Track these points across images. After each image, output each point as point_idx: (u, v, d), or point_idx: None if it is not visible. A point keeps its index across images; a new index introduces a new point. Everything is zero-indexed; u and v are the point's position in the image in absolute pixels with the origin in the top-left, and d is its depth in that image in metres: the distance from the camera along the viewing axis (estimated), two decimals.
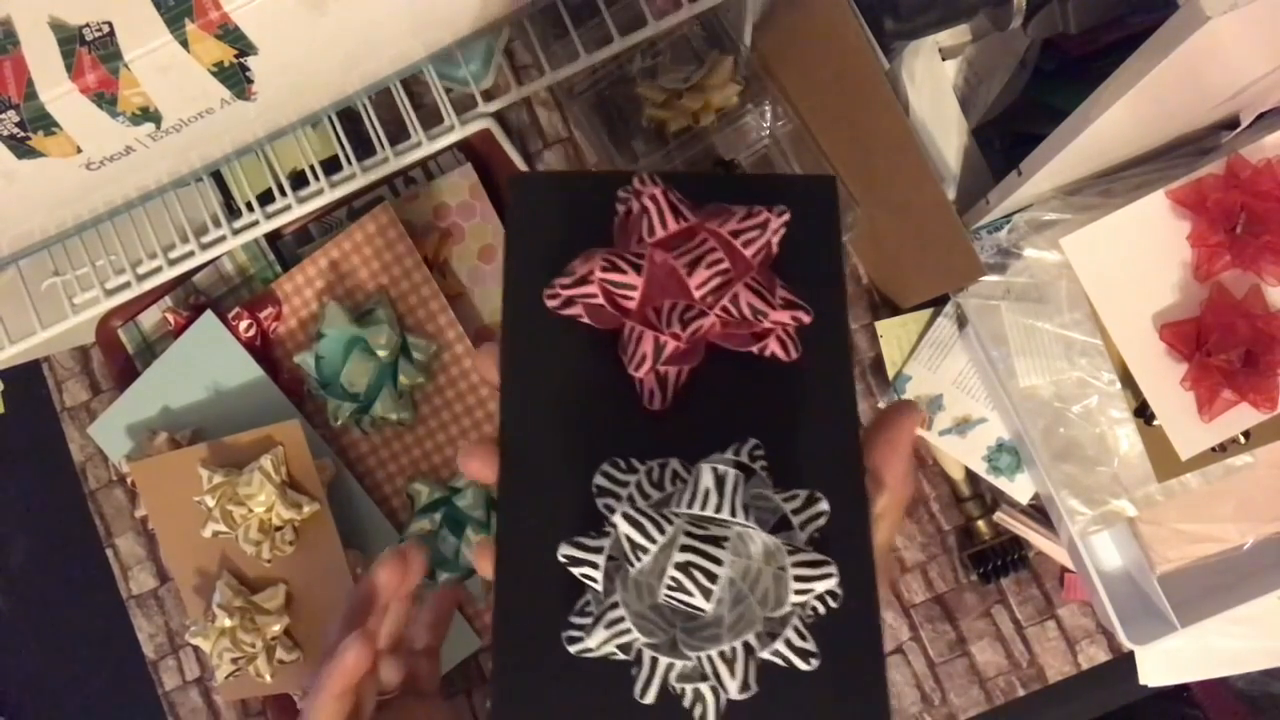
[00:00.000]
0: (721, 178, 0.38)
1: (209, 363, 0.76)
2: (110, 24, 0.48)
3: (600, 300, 0.34)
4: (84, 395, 0.85)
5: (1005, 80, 0.73)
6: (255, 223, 0.68)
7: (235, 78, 0.52)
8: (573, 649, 0.31)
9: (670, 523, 0.31)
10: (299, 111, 0.60)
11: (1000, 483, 0.76)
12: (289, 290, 0.76)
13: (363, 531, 0.76)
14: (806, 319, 0.34)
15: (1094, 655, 0.76)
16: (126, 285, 0.68)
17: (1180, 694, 0.93)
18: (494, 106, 0.68)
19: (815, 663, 0.31)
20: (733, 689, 0.30)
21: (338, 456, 0.76)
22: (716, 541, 0.31)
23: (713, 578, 0.31)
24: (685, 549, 0.31)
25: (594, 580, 0.31)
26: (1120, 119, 0.54)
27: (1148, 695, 0.76)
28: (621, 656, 0.31)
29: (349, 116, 0.68)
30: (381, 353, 0.73)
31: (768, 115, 0.75)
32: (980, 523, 0.76)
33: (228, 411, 0.76)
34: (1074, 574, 0.76)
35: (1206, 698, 0.91)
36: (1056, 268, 0.69)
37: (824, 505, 0.32)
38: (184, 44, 0.48)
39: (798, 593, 0.31)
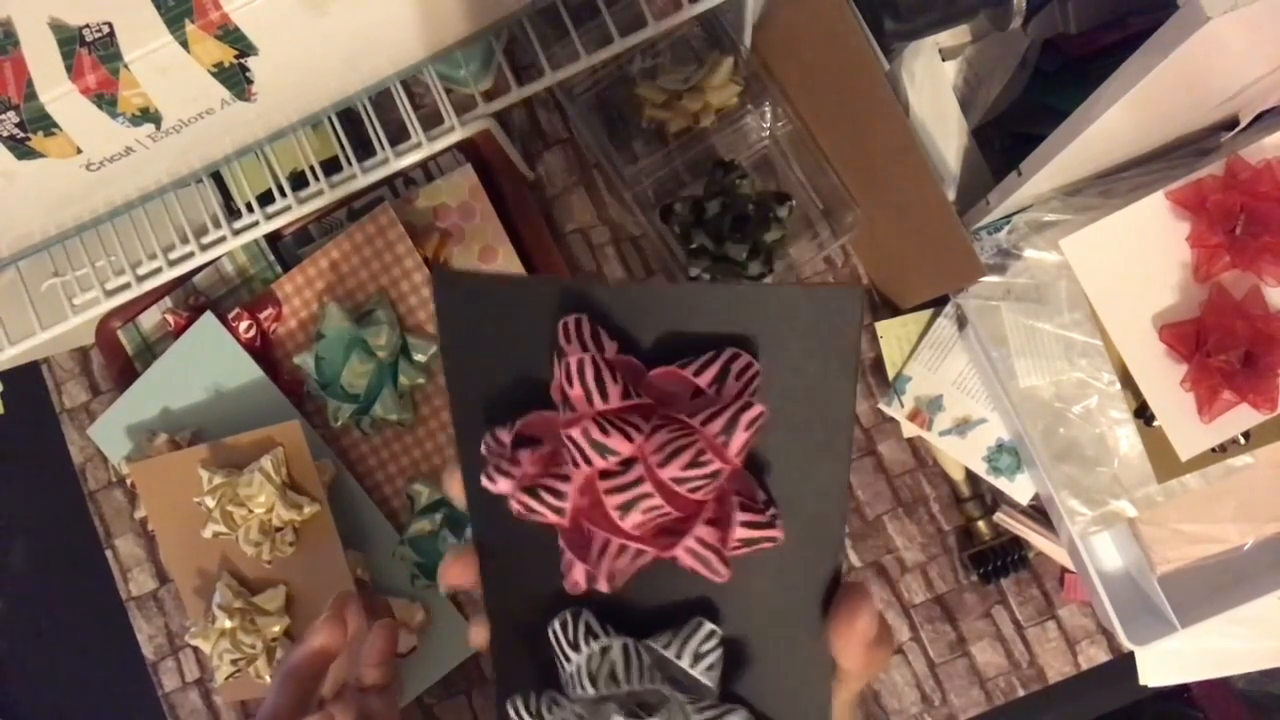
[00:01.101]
0: (713, 289, 0.33)
1: (209, 364, 0.76)
2: (110, 24, 0.48)
3: (533, 516, 0.31)
4: (84, 396, 0.84)
5: (1005, 80, 0.73)
6: (255, 223, 0.68)
7: (235, 78, 0.52)
8: None
9: None
10: (299, 112, 0.60)
11: (1000, 483, 0.76)
12: (289, 291, 0.76)
13: (363, 532, 0.76)
14: (777, 536, 0.31)
15: (1094, 655, 0.76)
16: (126, 286, 0.68)
17: (1180, 694, 0.93)
18: (494, 107, 0.68)
19: None
20: None
21: (338, 457, 0.76)
22: None
23: None
24: None
25: None
26: (1120, 119, 0.54)
27: (1148, 695, 0.76)
28: None
29: (349, 117, 0.68)
30: (381, 353, 0.73)
31: (768, 116, 0.75)
32: (980, 523, 0.76)
33: (228, 412, 0.76)
34: (1074, 574, 0.76)
35: (1206, 698, 0.91)
36: (1056, 268, 0.69)
37: None
38: (184, 44, 0.48)
39: None
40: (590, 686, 0.31)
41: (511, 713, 0.31)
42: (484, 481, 0.31)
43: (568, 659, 0.32)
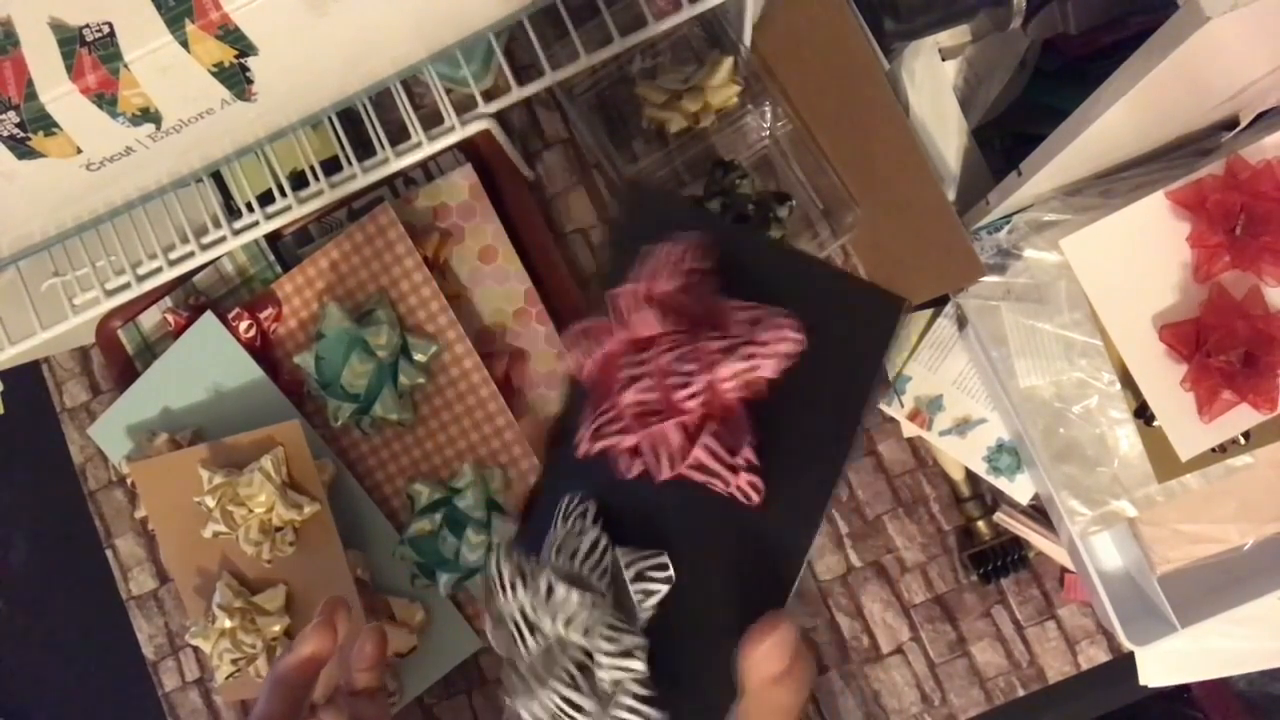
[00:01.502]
0: (791, 257, 0.38)
1: (209, 363, 0.76)
2: (110, 24, 0.48)
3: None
4: (84, 396, 0.85)
5: (1005, 80, 0.73)
6: (255, 223, 0.68)
7: (235, 78, 0.52)
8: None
9: (518, 592, 0.34)
10: (299, 112, 0.60)
11: (1000, 483, 0.76)
12: (289, 291, 0.76)
13: (363, 532, 0.76)
14: (758, 490, 0.34)
15: (1094, 655, 0.76)
16: (126, 286, 0.68)
17: (1180, 694, 0.93)
18: (494, 107, 0.68)
19: None
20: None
21: (338, 457, 0.76)
22: (533, 629, 0.34)
23: (521, 650, 0.35)
24: (513, 620, 0.34)
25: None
26: (1120, 119, 0.54)
27: (1148, 695, 0.76)
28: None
29: (349, 117, 0.68)
30: (381, 353, 0.73)
31: (768, 116, 0.75)
32: (980, 523, 0.76)
33: (228, 412, 0.76)
34: (1074, 574, 0.76)
35: (1206, 698, 0.91)
36: (1056, 268, 0.69)
37: (636, 665, 0.33)
38: (184, 44, 0.48)
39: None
40: (555, 555, 0.35)
41: (508, 554, 0.35)
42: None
43: (554, 530, 0.36)
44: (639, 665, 0.33)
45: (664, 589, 0.34)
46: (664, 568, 0.34)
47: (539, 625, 0.34)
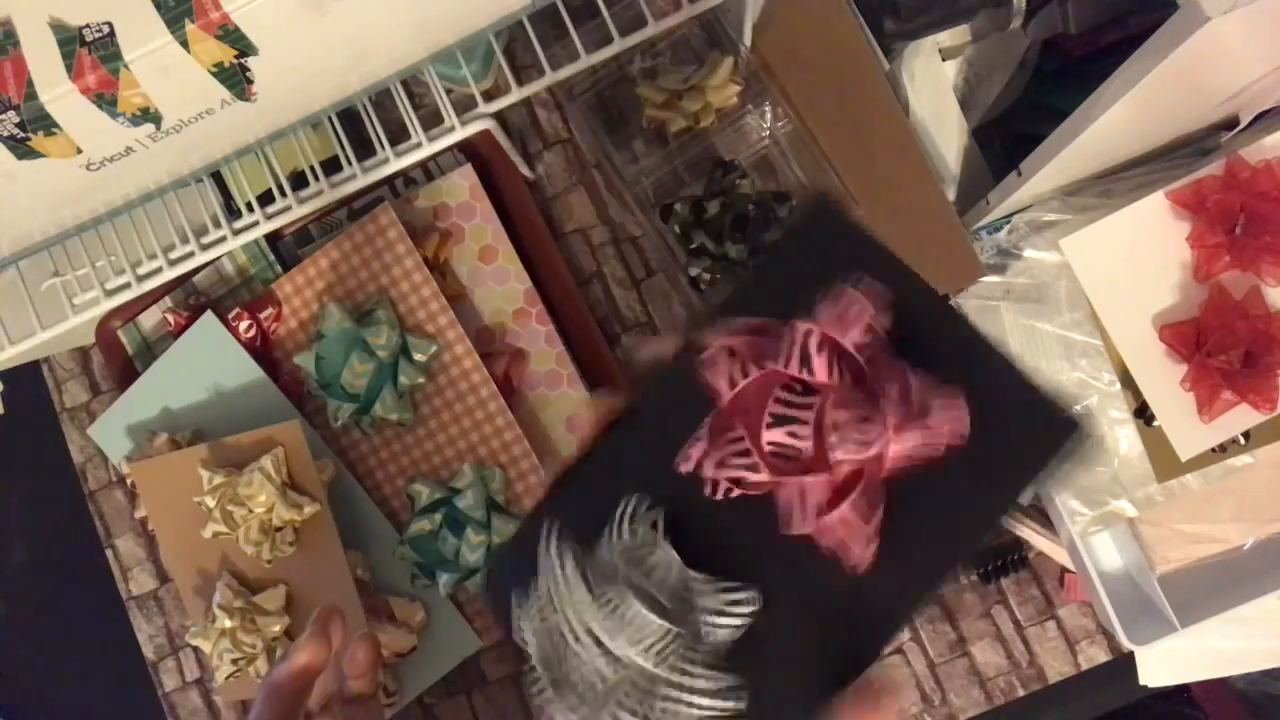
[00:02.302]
0: (974, 336, 0.34)
1: (209, 363, 0.76)
2: (110, 24, 0.48)
3: (708, 380, 0.33)
4: (84, 396, 0.85)
5: (1005, 80, 0.73)
6: (255, 223, 0.68)
7: (235, 78, 0.52)
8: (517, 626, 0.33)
9: (584, 608, 0.31)
10: (299, 112, 0.60)
11: None
12: (289, 291, 0.76)
13: (363, 532, 0.76)
14: (849, 564, 0.31)
15: (1094, 655, 0.76)
16: (126, 286, 0.68)
17: (1180, 694, 0.93)
18: (494, 107, 0.68)
19: None
20: None
21: (338, 457, 0.76)
22: (607, 654, 0.31)
23: (585, 674, 0.31)
24: (583, 637, 0.31)
25: (539, 581, 0.33)
26: (1120, 119, 0.54)
27: (1148, 695, 0.76)
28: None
29: (349, 117, 0.68)
30: (381, 353, 0.73)
31: (768, 116, 0.75)
32: None
33: (228, 412, 0.76)
34: (1074, 574, 0.76)
35: (1206, 698, 0.91)
36: (1056, 268, 0.69)
37: (736, 706, 0.31)
38: (184, 44, 0.48)
39: None
40: (621, 564, 0.32)
41: (547, 530, 0.33)
42: (703, 336, 0.33)
43: (618, 534, 0.33)
44: (737, 704, 0.31)
45: (738, 625, 0.32)
46: (750, 603, 0.32)
47: (606, 643, 0.31)
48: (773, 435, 0.32)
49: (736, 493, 0.32)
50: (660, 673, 0.31)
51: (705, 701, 0.31)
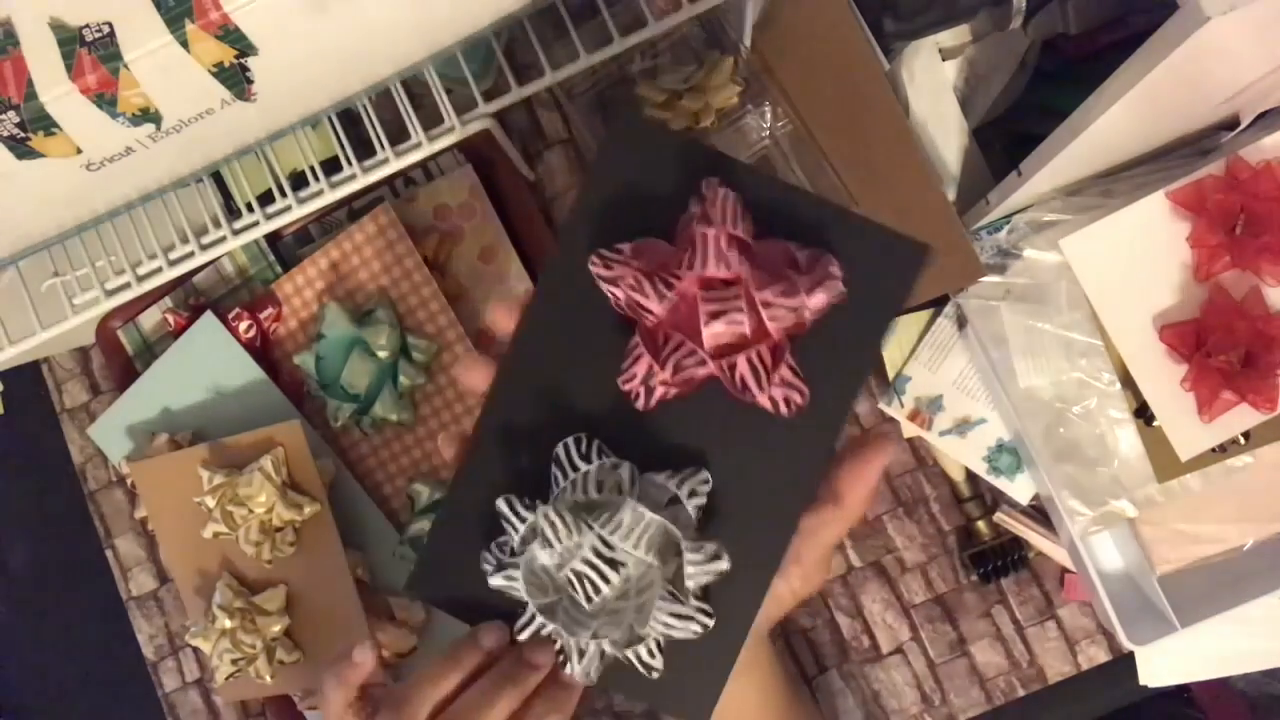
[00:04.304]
0: (818, 203, 0.39)
1: (209, 364, 0.76)
2: (110, 24, 0.48)
3: (623, 304, 0.37)
4: (84, 396, 0.85)
5: (1005, 81, 0.73)
6: (255, 223, 0.68)
7: (235, 78, 0.52)
8: (488, 578, 0.37)
9: (584, 530, 0.36)
10: (299, 112, 0.60)
11: (1000, 483, 0.76)
12: (289, 291, 0.76)
13: (363, 532, 0.76)
14: (790, 411, 0.37)
15: (1094, 655, 0.76)
16: (126, 286, 0.68)
17: (1180, 694, 0.92)
18: (494, 107, 0.68)
19: (657, 675, 0.37)
20: (576, 672, 0.37)
21: (338, 457, 0.76)
22: (614, 564, 0.36)
23: (599, 590, 0.37)
24: (587, 562, 0.36)
25: (512, 535, 0.37)
26: (1120, 119, 0.54)
27: (1148, 695, 0.76)
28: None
29: (349, 117, 0.68)
30: (381, 353, 0.73)
31: (768, 116, 0.75)
32: (980, 523, 0.76)
33: (228, 412, 0.76)
34: (1074, 574, 0.76)
35: (1206, 698, 0.91)
36: (1056, 268, 0.69)
37: (724, 565, 0.36)
38: (184, 44, 0.48)
39: (661, 627, 0.36)
40: (596, 492, 0.36)
41: (507, 509, 0.37)
42: (595, 268, 0.36)
43: (574, 468, 0.37)
44: (727, 564, 0.36)
45: (703, 502, 0.37)
46: (707, 481, 0.37)
47: (617, 559, 0.36)
48: (714, 328, 0.36)
49: (671, 395, 0.37)
50: (656, 562, 0.36)
51: (699, 569, 0.36)
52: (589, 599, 0.37)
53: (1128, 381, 0.68)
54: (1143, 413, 0.68)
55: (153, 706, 0.82)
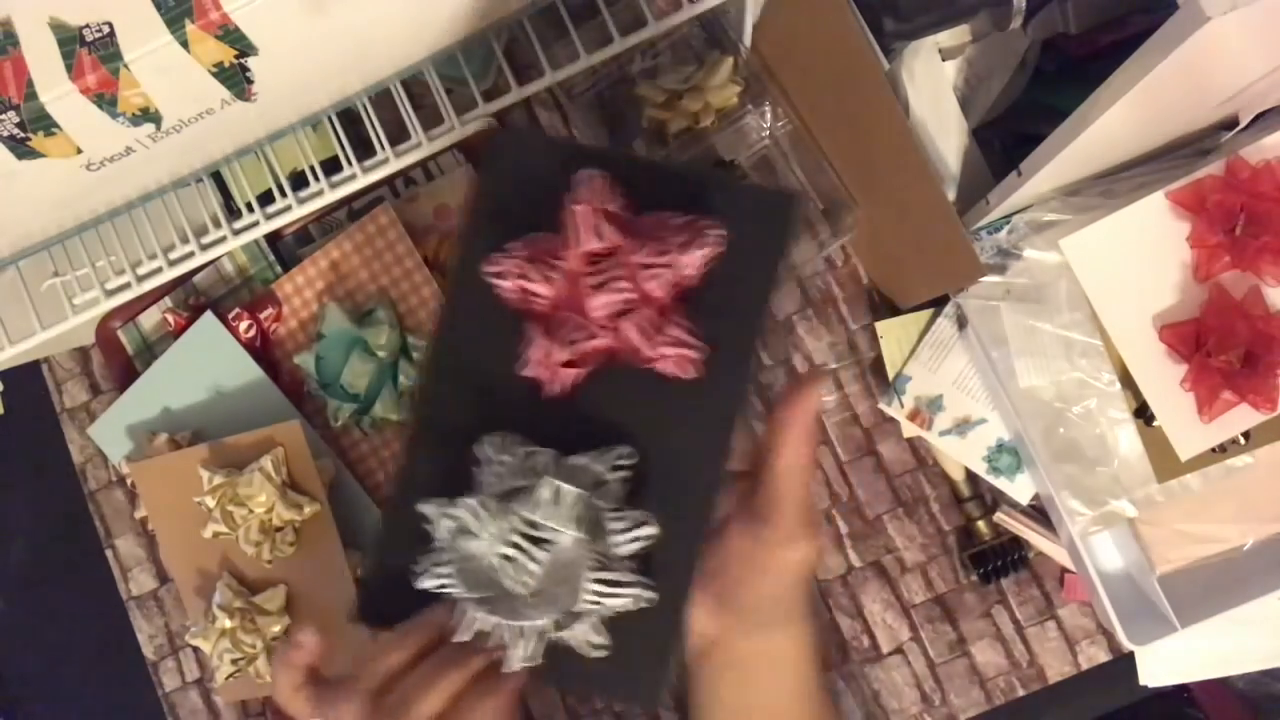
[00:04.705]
0: (688, 172, 0.43)
1: (209, 363, 0.76)
2: (110, 24, 0.48)
3: (515, 294, 0.39)
4: (84, 396, 0.84)
5: (1005, 81, 0.73)
6: (255, 223, 0.68)
7: (235, 78, 0.52)
8: (416, 582, 0.38)
9: (507, 514, 0.37)
10: (299, 112, 0.60)
11: (1000, 483, 0.76)
12: (289, 291, 0.76)
13: (363, 532, 0.76)
14: (689, 369, 0.38)
15: (1094, 655, 0.76)
16: (126, 286, 0.68)
17: (1180, 694, 0.93)
18: (494, 107, 0.68)
19: (602, 654, 0.37)
20: (516, 658, 0.37)
21: (338, 457, 0.76)
22: (540, 543, 0.37)
23: (529, 572, 0.37)
24: (513, 544, 0.37)
25: (440, 536, 0.38)
26: (1120, 119, 0.54)
27: (1148, 695, 0.76)
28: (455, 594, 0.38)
29: (349, 117, 0.68)
30: (381, 353, 0.73)
31: (768, 116, 0.75)
32: (980, 523, 0.76)
33: (228, 412, 0.76)
34: (1074, 574, 0.76)
35: (1206, 698, 0.91)
36: (1056, 268, 0.69)
37: (651, 529, 0.38)
38: (184, 45, 0.48)
39: (590, 601, 0.37)
40: (519, 479, 0.38)
41: (431, 509, 0.38)
42: (487, 268, 0.38)
43: (500, 463, 0.38)
44: (655, 529, 0.38)
45: (627, 474, 0.39)
46: (628, 455, 0.39)
47: (543, 537, 0.37)
48: (600, 299, 0.38)
49: (580, 376, 0.39)
50: (586, 535, 0.37)
51: (626, 538, 0.37)
52: (522, 584, 0.37)
53: (1128, 381, 0.68)
54: (1143, 413, 0.68)
55: (153, 706, 0.82)
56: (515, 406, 0.39)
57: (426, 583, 0.38)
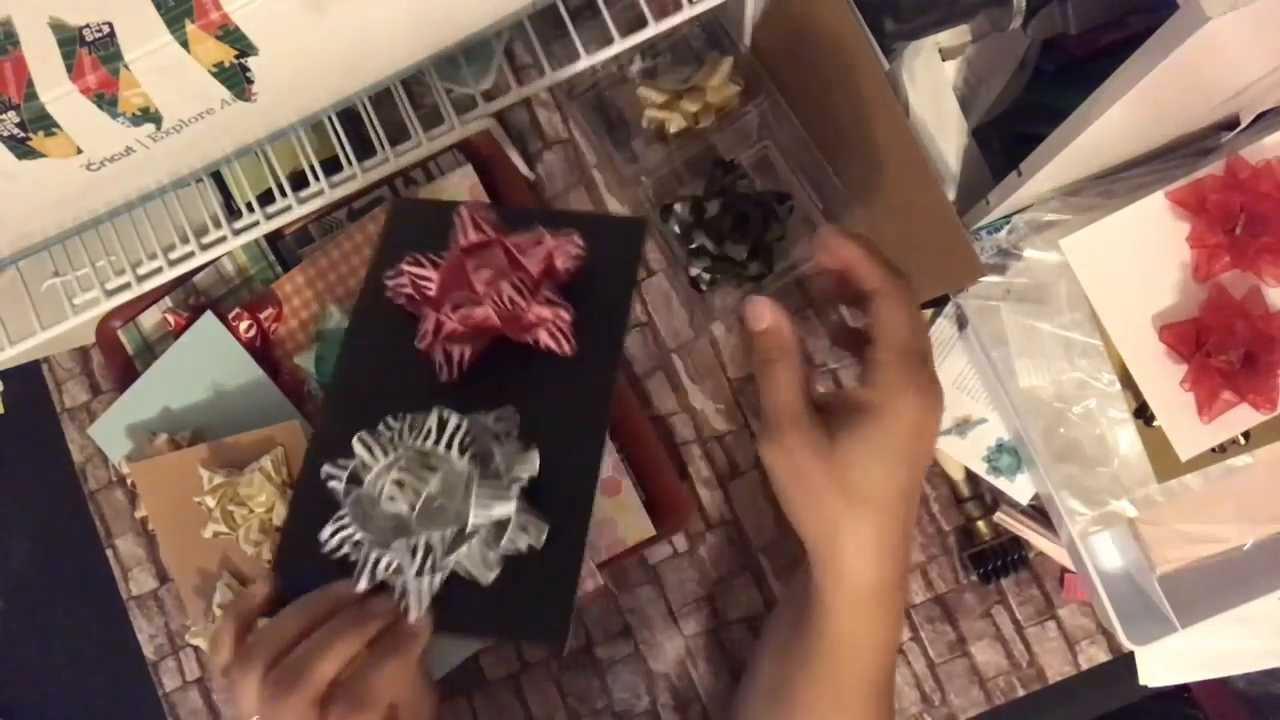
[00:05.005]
0: (547, 214, 0.57)
1: (209, 363, 0.76)
2: (110, 24, 0.48)
3: (410, 289, 0.47)
4: (84, 396, 0.85)
5: (1005, 81, 0.73)
6: (255, 223, 0.68)
7: (235, 78, 0.52)
8: (323, 544, 0.43)
9: (397, 449, 0.43)
10: (299, 112, 0.60)
11: (1000, 483, 0.76)
12: (289, 291, 0.76)
13: None
14: (564, 317, 0.46)
15: (1094, 655, 0.76)
16: (126, 286, 0.68)
17: (1180, 694, 0.93)
18: (494, 107, 0.68)
19: (491, 577, 0.41)
20: (412, 606, 0.40)
21: None
22: (430, 466, 0.42)
23: (418, 492, 0.42)
24: (403, 469, 0.42)
25: (337, 490, 0.44)
26: (1120, 119, 0.54)
27: (1148, 695, 0.76)
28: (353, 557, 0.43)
29: (349, 117, 0.68)
30: None
31: (768, 116, 0.75)
32: (980, 523, 0.76)
33: (228, 412, 0.76)
34: (1074, 574, 0.76)
35: (1206, 698, 0.91)
36: (1056, 268, 0.69)
37: (534, 454, 0.44)
38: (184, 44, 0.48)
39: (480, 513, 0.41)
40: (414, 435, 0.44)
41: (329, 467, 0.44)
42: (386, 282, 0.49)
43: (391, 429, 0.45)
44: (536, 453, 0.44)
45: (514, 431, 0.45)
46: (515, 413, 0.46)
47: (433, 463, 0.42)
48: (481, 274, 0.46)
49: (471, 354, 0.46)
50: (474, 463, 0.42)
51: (511, 458, 0.43)
52: (411, 507, 0.41)
53: (1128, 381, 0.68)
54: (1142, 413, 0.68)
55: (153, 706, 0.82)
56: (414, 392, 0.46)
57: (327, 534, 0.42)
